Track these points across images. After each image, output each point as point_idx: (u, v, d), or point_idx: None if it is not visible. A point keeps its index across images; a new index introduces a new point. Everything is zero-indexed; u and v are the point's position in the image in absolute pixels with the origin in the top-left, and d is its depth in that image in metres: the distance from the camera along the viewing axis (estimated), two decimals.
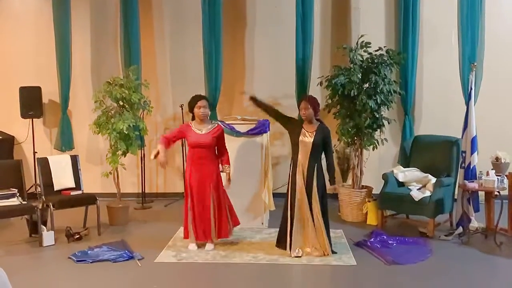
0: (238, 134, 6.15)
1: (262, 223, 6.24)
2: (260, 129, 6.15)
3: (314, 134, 5.21)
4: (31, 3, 7.75)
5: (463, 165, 6.05)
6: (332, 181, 5.36)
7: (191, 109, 5.42)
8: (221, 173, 5.50)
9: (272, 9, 7.60)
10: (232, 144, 6.08)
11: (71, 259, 5.13)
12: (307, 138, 5.21)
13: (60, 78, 7.43)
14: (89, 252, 5.29)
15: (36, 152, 7.38)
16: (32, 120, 7.50)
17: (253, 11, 7.66)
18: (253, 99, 5.57)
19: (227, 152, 5.53)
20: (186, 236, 5.49)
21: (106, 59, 7.71)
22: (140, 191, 7.62)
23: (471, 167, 5.96)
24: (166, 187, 7.88)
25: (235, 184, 5.73)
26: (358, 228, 6.30)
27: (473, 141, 5.98)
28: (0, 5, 7.72)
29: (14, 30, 7.73)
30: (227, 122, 6.18)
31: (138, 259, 5.12)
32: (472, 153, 5.96)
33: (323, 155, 5.33)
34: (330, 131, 5.35)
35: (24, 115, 7.37)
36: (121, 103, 6.40)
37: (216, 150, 5.45)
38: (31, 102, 7.36)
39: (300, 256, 5.16)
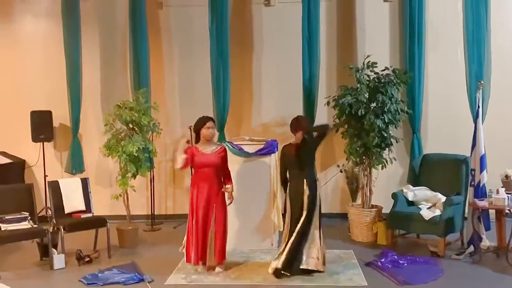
0: (246, 154, 6.17)
1: (272, 244, 6.22)
2: (268, 150, 6.18)
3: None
4: (42, 28, 7.89)
5: (472, 183, 6.02)
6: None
7: (197, 130, 5.44)
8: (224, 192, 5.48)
9: (279, 31, 7.69)
10: (240, 164, 6.11)
11: (81, 282, 5.15)
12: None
13: (71, 102, 7.52)
14: (99, 275, 5.30)
15: (47, 176, 7.44)
16: (43, 144, 7.58)
17: (259, 33, 7.75)
18: None
19: (229, 172, 5.54)
20: (188, 259, 5.39)
21: (115, 83, 7.81)
22: (150, 213, 7.64)
23: (481, 185, 5.94)
24: (175, 208, 7.89)
25: (243, 205, 5.75)
26: (368, 248, 6.27)
27: (482, 159, 5.96)
28: (11, 30, 7.86)
29: (25, 55, 7.85)
30: (235, 143, 6.22)
31: (148, 282, 5.12)
32: (481, 171, 5.95)
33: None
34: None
35: (35, 139, 7.45)
36: (131, 125, 6.47)
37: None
38: (42, 126, 7.43)
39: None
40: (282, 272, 5.14)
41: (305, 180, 5.22)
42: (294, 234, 5.17)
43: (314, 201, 5.22)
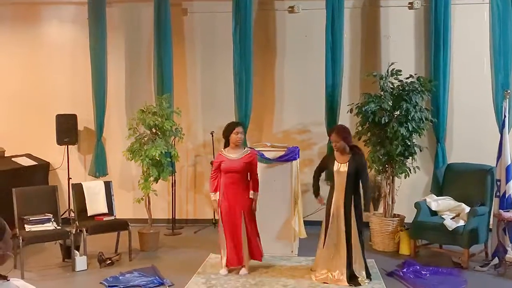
0: (267, 161, 6.17)
1: (292, 251, 6.19)
2: (289, 156, 6.16)
3: (348, 164, 5.20)
4: (68, 33, 8.01)
5: (497, 194, 5.92)
6: (365, 207, 5.32)
7: (227, 136, 5.50)
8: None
9: (302, 38, 7.69)
10: (261, 171, 6.08)
11: (103, 284, 5.20)
12: (341, 168, 5.22)
13: (95, 106, 7.62)
14: (120, 277, 5.34)
15: (71, 178, 7.54)
16: (67, 147, 7.69)
17: (283, 40, 7.76)
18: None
19: (257, 180, 5.56)
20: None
21: (139, 88, 7.88)
22: (171, 217, 7.68)
23: (506, 196, 5.84)
24: (196, 213, 7.91)
25: (264, 211, 5.73)
26: (390, 257, 6.19)
27: (508, 169, 5.86)
28: (37, 35, 8.00)
29: (51, 60, 7.96)
30: (256, 149, 6.22)
31: (169, 286, 5.15)
32: (507, 181, 5.85)
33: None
34: (363, 158, 5.35)
35: (60, 141, 7.56)
36: (154, 130, 6.53)
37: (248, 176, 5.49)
38: (67, 129, 7.54)
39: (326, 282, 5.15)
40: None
41: None
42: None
43: None
